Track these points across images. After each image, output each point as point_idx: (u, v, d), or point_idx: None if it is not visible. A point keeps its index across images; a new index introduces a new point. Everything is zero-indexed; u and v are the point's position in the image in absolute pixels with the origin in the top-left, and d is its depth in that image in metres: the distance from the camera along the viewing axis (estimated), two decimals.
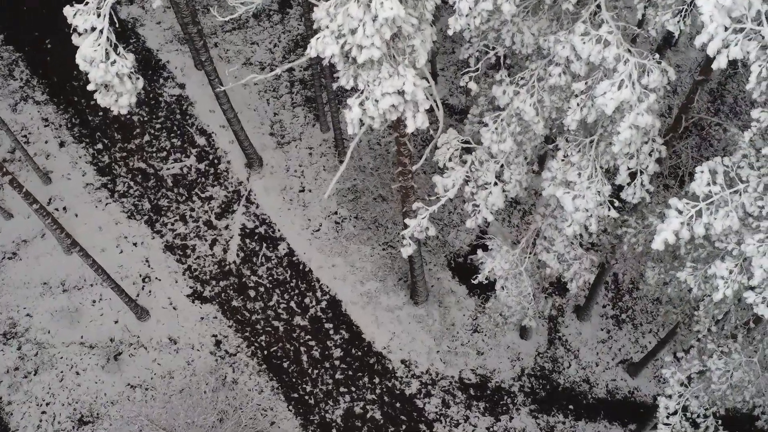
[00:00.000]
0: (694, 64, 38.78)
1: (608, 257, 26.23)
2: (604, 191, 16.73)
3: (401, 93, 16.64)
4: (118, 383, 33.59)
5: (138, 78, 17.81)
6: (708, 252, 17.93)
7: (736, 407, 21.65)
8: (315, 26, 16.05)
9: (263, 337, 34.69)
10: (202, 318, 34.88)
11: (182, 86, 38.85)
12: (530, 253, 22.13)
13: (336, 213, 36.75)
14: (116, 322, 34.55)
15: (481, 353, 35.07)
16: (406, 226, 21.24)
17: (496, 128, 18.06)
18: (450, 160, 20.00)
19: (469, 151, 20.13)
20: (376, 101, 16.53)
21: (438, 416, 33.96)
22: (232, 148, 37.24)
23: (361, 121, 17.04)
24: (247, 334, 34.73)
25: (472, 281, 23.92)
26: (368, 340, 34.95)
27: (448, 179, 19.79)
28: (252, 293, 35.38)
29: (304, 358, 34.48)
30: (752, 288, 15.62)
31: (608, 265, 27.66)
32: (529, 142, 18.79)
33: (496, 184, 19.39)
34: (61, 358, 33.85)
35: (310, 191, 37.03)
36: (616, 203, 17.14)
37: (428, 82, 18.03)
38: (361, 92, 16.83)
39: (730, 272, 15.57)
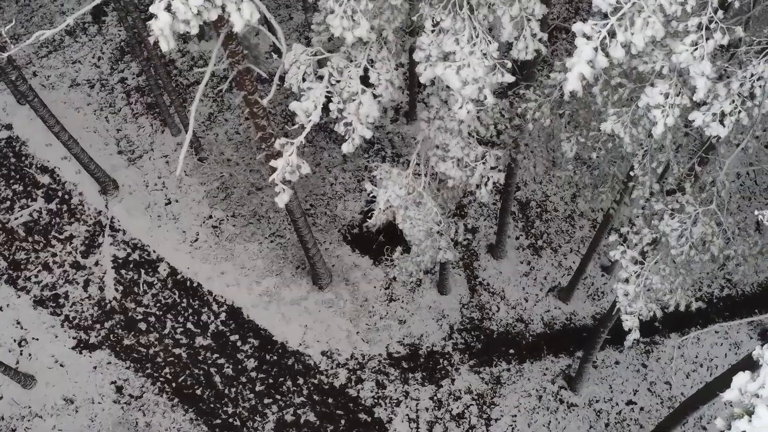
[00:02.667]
0: None
1: (512, 154, 23.22)
2: (491, 51, 13.67)
3: None
4: None
5: None
6: (630, 90, 15.27)
7: (706, 273, 18.92)
8: None
9: (167, 370, 31.26)
10: (95, 367, 31.24)
11: (9, 127, 34.96)
12: (426, 171, 19.14)
13: (211, 217, 33.48)
14: (1, 398, 30.69)
15: (404, 321, 32.26)
16: (273, 171, 17.97)
17: (345, 11, 14.93)
18: (304, 80, 16.79)
19: (322, 64, 16.93)
20: None
21: (376, 400, 31.06)
22: (81, 178, 33.59)
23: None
24: (148, 371, 31.24)
25: (369, 228, 20.99)
26: (281, 341, 31.82)
27: (307, 102, 16.52)
28: (143, 326, 31.89)
29: (217, 379, 31.17)
30: (697, 106, 13.03)
31: (515, 164, 24.58)
32: (389, 25, 15.77)
33: (364, 91, 16.28)
34: None
35: (177, 201, 33.67)
36: (508, 64, 14.05)
37: None
38: None
39: (666, 96, 12.81)
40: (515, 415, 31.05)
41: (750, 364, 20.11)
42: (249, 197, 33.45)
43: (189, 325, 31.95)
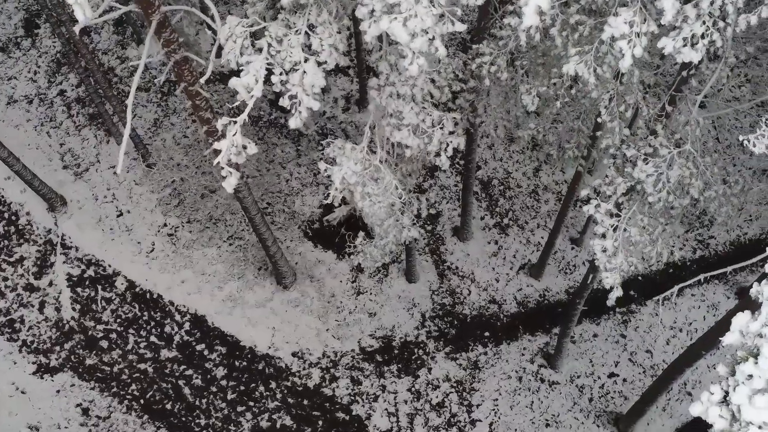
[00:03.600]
0: None
1: (470, 119, 22.05)
2: None
3: None
4: None
5: None
6: (591, 27, 14.29)
7: (688, 217, 17.87)
8: None
9: (134, 386, 30.06)
10: (58, 391, 29.97)
11: None
12: (382, 144, 18.08)
13: (165, 225, 32.30)
14: None
15: (374, 314, 31.30)
16: (217, 153, 16.74)
17: None
18: (242, 54, 15.58)
19: (260, 36, 15.70)
20: None
21: (352, 397, 30.07)
22: (27, 197, 32.29)
23: None
24: (114, 389, 30.03)
25: (330, 222, 19.90)
26: (249, 345, 30.73)
27: (247, 77, 15.30)
28: (104, 344, 30.67)
29: (187, 391, 30.03)
30: (666, 32, 12.08)
31: (474, 130, 23.41)
32: None
33: (306, 59, 15.14)
34: None
35: (129, 212, 32.47)
36: (458, 11, 12.93)
37: None
38: None
39: (631, 25, 11.83)
40: (496, 399, 30.19)
41: (725, 329, 19.34)
42: (203, 201, 32.33)
43: (152, 339, 30.78)
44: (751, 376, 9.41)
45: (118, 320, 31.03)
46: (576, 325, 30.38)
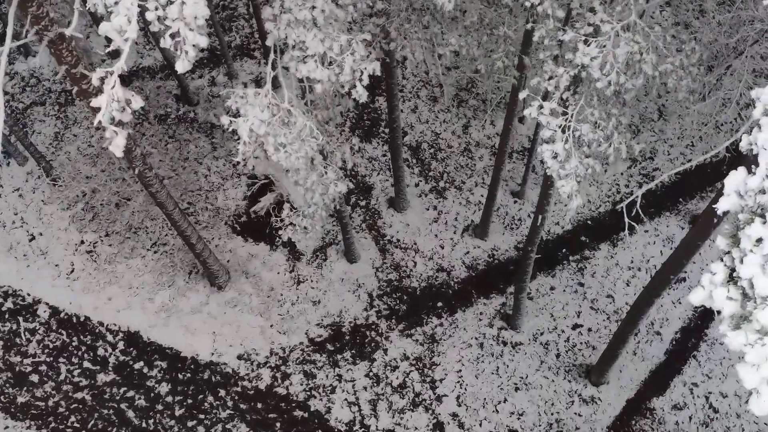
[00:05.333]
0: None
1: (384, 46, 19.70)
2: None
3: None
4: None
5: None
6: None
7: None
8: None
9: (73, 418, 27.81)
10: None
11: None
12: (289, 83, 16.01)
13: (83, 242, 30.07)
14: None
15: (318, 302, 29.43)
16: (96, 112, 14.52)
17: None
18: None
19: None
20: None
21: (308, 393, 28.16)
22: None
23: None
24: (52, 424, 27.75)
25: (257, 213, 17.83)
26: (190, 355, 28.66)
27: (118, 17, 13.14)
28: (35, 378, 28.37)
29: (131, 414, 27.86)
30: None
31: (390, 59, 21.11)
32: None
33: None
34: None
35: (41, 235, 30.19)
36: None
37: None
38: None
39: None
40: (460, 371, 28.48)
41: (692, 245, 17.73)
42: (119, 211, 30.13)
43: (86, 364, 28.56)
44: (761, 239, 7.60)
45: (46, 350, 28.76)
46: (531, 280, 28.85)
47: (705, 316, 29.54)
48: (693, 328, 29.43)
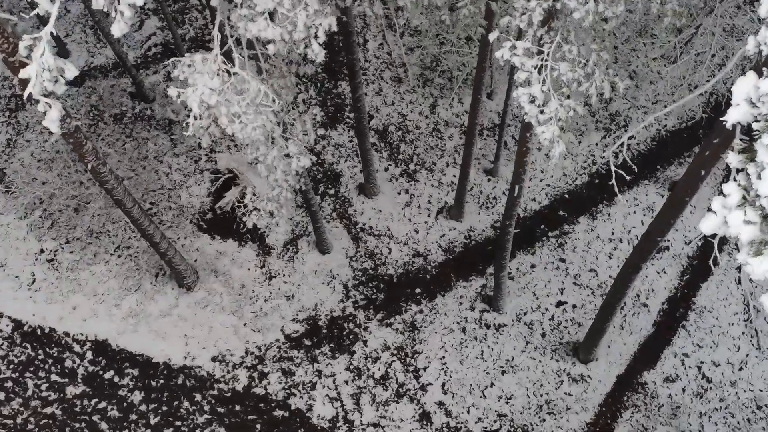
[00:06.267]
0: None
1: (339, 4, 18.17)
2: None
3: None
4: None
5: None
6: None
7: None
8: None
9: None
10: None
11: None
12: (240, 48, 14.80)
13: (42, 251, 28.79)
14: None
15: (292, 296, 28.34)
16: (25, 84, 13.29)
17: None
18: None
19: None
20: None
21: (288, 391, 27.07)
22: None
23: None
24: None
25: (222, 208, 16.63)
26: (162, 361, 27.48)
27: None
28: (0, 396, 27.10)
29: (104, 426, 26.65)
30: None
31: (348, 17, 19.58)
32: None
33: None
34: None
35: None
36: None
37: None
38: None
39: None
40: (443, 357, 27.49)
41: (678, 203, 16.77)
42: (79, 216, 28.89)
43: (54, 378, 27.31)
44: None
45: (11, 366, 27.49)
46: (510, 259, 27.83)
47: (692, 284, 28.72)
48: (680, 297, 28.60)
